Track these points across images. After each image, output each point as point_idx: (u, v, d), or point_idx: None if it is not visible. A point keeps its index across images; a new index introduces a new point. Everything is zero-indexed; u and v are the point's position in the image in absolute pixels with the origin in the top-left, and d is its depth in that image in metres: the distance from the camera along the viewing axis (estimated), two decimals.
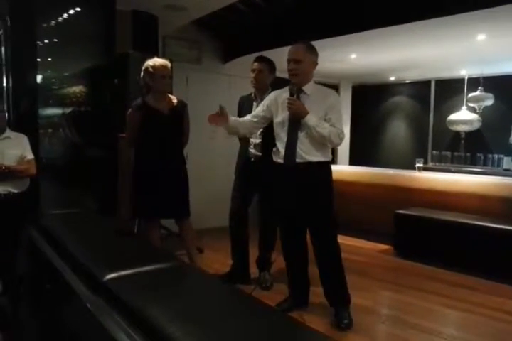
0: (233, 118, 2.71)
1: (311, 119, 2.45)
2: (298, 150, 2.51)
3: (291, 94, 2.53)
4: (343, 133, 2.54)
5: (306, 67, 2.52)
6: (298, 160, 2.52)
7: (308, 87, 2.56)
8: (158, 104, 2.82)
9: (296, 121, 2.51)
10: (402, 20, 3.43)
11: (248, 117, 2.76)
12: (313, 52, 2.55)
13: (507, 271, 3.42)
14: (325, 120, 2.50)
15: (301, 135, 2.51)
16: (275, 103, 2.65)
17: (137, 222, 3.40)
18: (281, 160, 2.58)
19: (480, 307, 2.93)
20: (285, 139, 2.55)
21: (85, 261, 1.57)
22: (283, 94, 2.60)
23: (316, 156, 2.53)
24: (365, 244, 4.49)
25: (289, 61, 2.53)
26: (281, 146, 2.58)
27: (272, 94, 2.72)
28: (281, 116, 2.60)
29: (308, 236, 2.70)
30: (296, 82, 2.54)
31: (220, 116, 2.58)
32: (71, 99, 3.84)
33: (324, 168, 2.59)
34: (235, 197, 3.21)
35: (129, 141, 2.90)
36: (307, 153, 2.51)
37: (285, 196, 2.60)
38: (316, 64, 2.59)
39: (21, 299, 2.45)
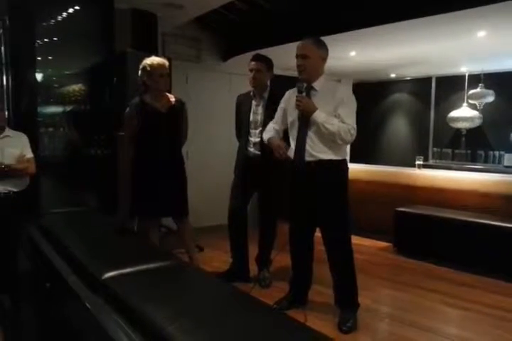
0: (278, 139, 2.69)
1: (319, 116, 2.41)
2: (307, 148, 2.48)
3: (300, 92, 2.49)
4: (354, 129, 2.43)
5: (313, 63, 2.48)
6: (308, 158, 2.49)
7: (318, 83, 2.52)
8: (156, 103, 2.82)
9: (305, 119, 2.48)
10: (402, 17, 3.41)
11: (271, 125, 2.75)
12: (322, 47, 2.51)
13: (507, 268, 3.43)
14: (335, 116, 2.45)
15: (311, 132, 2.48)
16: (288, 103, 2.64)
17: (136, 221, 3.41)
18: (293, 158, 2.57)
19: (479, 304, 2.93)
20: (296, 137, 2.54)
21: (84, 260, 1.58)
22: (295, 93, 2.57)
23: (327, 154, 2.48)
24: (364, 241, 4.50)
25: (297, 56, 2.50)
26: (293, 144, 2.58)
27: (286, 95, 2.71)
28: (292, 115, 2.59)
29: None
30: (304, 78, 2.51)
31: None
32: (70, 97, 3.84)
33: (337, 166, 2.53)
34: (234, 195, 3.21)
35: (128, 139, 2.90)
36: (317, 151, 2.47)
37: (297, 195, 2.60)
38: (324, 59, 2.54)
39: (22, 298, 2.47)
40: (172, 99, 2.90)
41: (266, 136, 2.73)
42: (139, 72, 2.80)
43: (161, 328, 1.04)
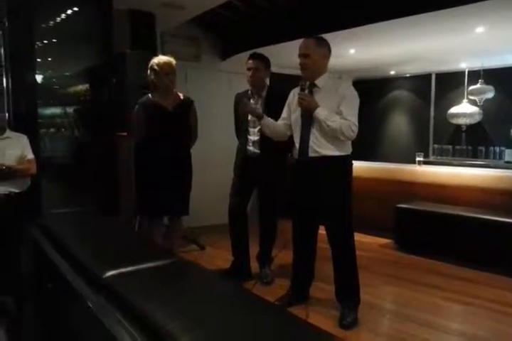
0: (268, 118, 2.77)
1: (321, 113, 2.46)
2: (311, 144, 2.52)
3: (302, 89, 2.55)
4: (355, 125, 2.47)
5: (315, 61, 2.53)
6: (312, 154, 2.52)
7: (321, 81, 2.57)
8: (163, 101, 2.86)
9: (308, 116, 2.53)
10: (400, 14, 3.42)
11: (280, 121, 2.78)
12: (323, 45, 2.56)
13: (507, 263, 3.44)
14: (337, 113, 2.48)
15: (314, 129, 2.52)
16: (293, 101, 2.68)
17: (138, 220, 3.42)
18: (297, 156, 2.61)
19: (480, 299, 2.94)
20: (299, 134, 2.58)
21: (85, 259, 1.59)
22: (299, 91, 2.61)
23: (330, 150, 2.51)
24: (365, 238, 4.50)
25: (299, 56, 2.56)
26: (296, 142, 2.62)
27: (291, 93, 2.74)
28: (295, 113, 2.64)
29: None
30: (307, 76, 2.57)
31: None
32: (71, 98, 3.85)
33: (341, 162, 2.56)
34: (234, 193, 3.22)
35: (138, 138, 2.94)
36: (321, 147, 2.51)
37: (300, 191, 2.63)
38: (327, 57, 2.59)
39: (26, 298, 2.48)
40: (181, 97, 2.93)
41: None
42: (148, 71, 2.85)
43: (163, 326, 1.05)
